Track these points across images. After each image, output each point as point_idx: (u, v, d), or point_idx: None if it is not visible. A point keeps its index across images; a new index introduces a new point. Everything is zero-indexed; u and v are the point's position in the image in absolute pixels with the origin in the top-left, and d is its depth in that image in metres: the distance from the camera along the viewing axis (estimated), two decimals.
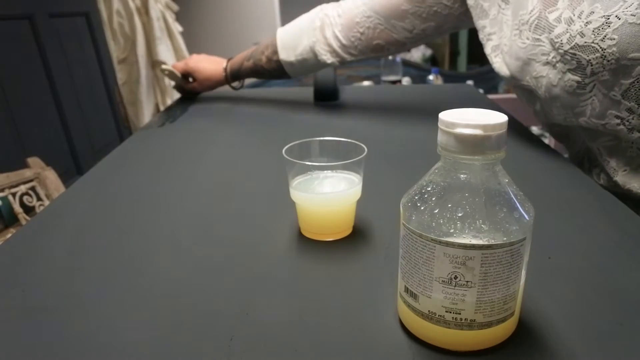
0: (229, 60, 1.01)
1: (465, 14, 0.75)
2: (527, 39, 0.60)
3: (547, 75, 0.59)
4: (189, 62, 1.03)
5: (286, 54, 0.89)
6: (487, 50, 0.70)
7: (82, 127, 1.94)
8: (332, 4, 0.87)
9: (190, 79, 1.06)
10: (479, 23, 0.71)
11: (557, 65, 0.57)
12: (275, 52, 0.91)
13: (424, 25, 0.78)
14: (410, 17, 0.78)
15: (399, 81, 2.19)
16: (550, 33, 0.56)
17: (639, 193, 0.57)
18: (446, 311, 0.29)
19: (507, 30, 0.64)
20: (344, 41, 0.84)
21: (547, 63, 0.58)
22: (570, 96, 0.57)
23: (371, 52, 0.84)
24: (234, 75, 1.00)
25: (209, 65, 1.02)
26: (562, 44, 0.55)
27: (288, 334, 0.33)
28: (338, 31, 0.84)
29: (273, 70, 0.93)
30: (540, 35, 0.58)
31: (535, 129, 2.02)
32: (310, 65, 0.89)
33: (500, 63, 0.67)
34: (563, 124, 0.64)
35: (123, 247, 0.46)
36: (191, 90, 1.07)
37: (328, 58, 0.86)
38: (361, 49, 0.84)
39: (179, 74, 1.05)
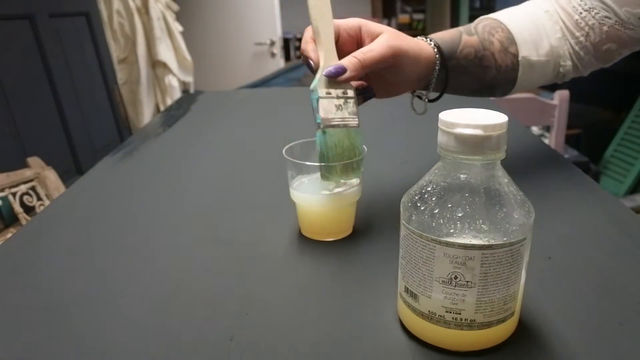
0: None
1: None
2: None
3: None
4: (400, 55, 0.46)
5: (529, 51, 0.56)
6: None
7: (82, 127, 1.94)
8: None
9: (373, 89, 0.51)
10: None
11: None
12: (512, 42, 0.55)
13: None
14: None
15: None
16: None
17: None
18: (446, 311, 0.29)
19: None
20: (570, 49, 0.58)
21: None
22: None
23: (598, 62, 0.59)
24: (446, 59, 0.52)
25: (421, 51, 0.49)
26: None
27: (288, 334, 0.33)
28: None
29: (504, 72, 0.56)
30: None
31: (535, 129, 2.02)
32: (545, 73, 0.58)
33: None
34: None
35: (123, 248, 0.46)
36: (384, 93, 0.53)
37: (570, 66, 0.58)
38: (588, 60, 0.58)
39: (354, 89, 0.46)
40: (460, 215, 0.28)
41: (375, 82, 0.50)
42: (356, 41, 0.47)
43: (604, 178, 2.13)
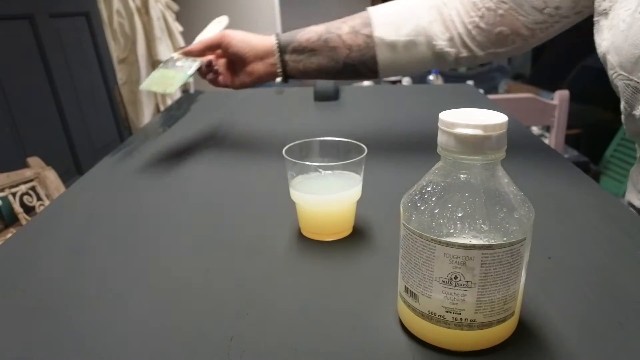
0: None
1: None
2: None
3: None
4: (225, 37, 0.69)
5: (385, 31, 0.63)
6: (603, 21, 0.52)
7: (82, 127, 1.94)
8: None
9: (217, 68, 0.73)
10: None
11: None
12: (367, 24, 0.64)
13: (558, 0, 0.57)
14: None
15: (399, 81, 2.19)
16: None
17: None
18: (446, 311, 0.29)
19: (633, 2, 0.48)
20: (460, 29, 0.62)
21: None
22: None
23: (492, 45, 0.63)
24: (289, 52, 0.68)
25: (256, 37, 0.69)
26: None
27: (288, 334, 0.33)
28: (455, 14, 0.62)
29: (357, 51, 0.65)
30: None
31: (535, 129, 2.02)
32: (416, 54, 0.64)
33: (609, 42, 0.51)
34: None
35: (123, 247, 0.46)
36: (226, 84, 0.74)
37: (445, 45, 0.63)
38: (480, 40, 0.62)
39: (200, 60, 0.73)
40: (460, 215, 0.28)
41: (235, 67, 0.71)
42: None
43: (604, 178, 2.13)
